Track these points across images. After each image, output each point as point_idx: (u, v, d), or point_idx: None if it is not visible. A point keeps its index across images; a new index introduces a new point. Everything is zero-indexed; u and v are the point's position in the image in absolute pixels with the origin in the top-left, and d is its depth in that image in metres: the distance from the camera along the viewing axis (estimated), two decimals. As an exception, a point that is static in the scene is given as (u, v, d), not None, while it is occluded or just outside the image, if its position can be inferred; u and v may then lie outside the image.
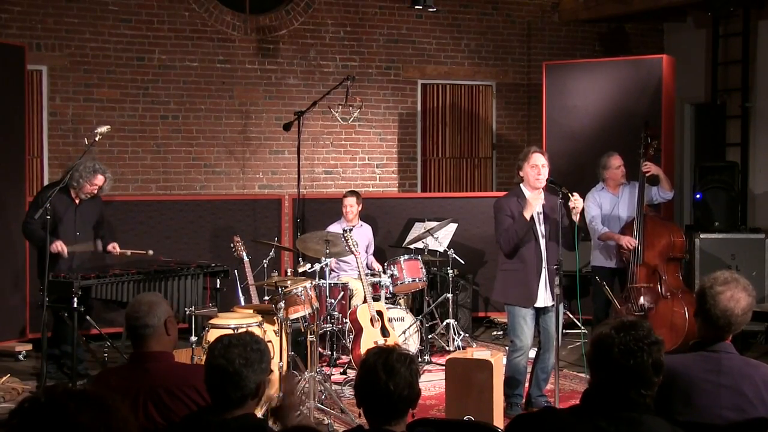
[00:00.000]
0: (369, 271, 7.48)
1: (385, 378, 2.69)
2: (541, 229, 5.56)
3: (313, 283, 6.12)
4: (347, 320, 6.75)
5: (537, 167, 5.53)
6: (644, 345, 2.48)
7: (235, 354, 2.79)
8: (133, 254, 6.73)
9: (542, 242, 5.55)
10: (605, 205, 7.00)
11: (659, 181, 6.98)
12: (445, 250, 7.54)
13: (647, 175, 6.78)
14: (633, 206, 6.89)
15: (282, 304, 5.56)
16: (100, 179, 6.43)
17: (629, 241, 6.64)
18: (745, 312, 3.03)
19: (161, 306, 3.34)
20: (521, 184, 5.63)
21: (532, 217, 5.53)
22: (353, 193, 7.85)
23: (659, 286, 6.58)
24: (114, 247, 6.65)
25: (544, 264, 5.53)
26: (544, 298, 5.56)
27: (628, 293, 6.63)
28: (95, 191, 6.47)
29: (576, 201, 5.34)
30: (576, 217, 5.36)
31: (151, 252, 6.68)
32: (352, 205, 7.70)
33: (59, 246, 6.26)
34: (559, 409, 3.75)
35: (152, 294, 4.17)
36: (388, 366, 2.71)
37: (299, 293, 5.76)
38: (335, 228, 7.42)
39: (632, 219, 6.80)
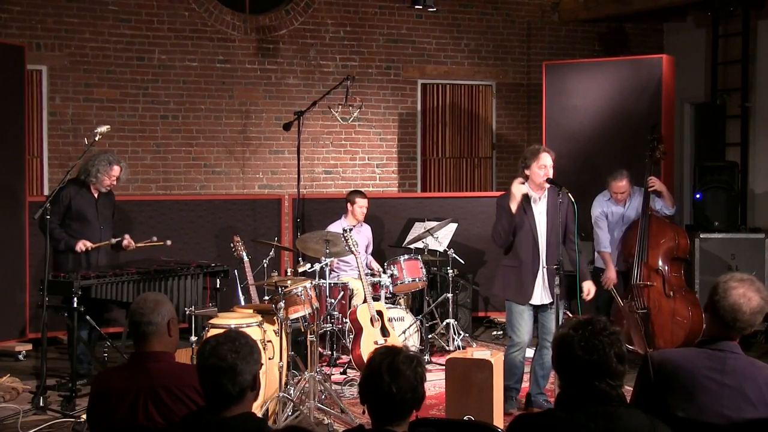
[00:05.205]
0: (368, 271, 7.48)
1: (388, 380, 2.67)
2: (540, 228, 5.57)
3: (313, 282, 6.12)
4: (347, 320, 6.75)
5: (545, 168, 5.52)
6: (604, 337, 2.54)
7: (226, 350, 2.79)
8: (150, 245, 6.68)
9: (541, 241, 5.56)
10: (613, 212, 6.98)
11: (662, 195, 6.94)
12: (445, 250, 7.54)
13: (650, 189, 6.77)
14: (639, 211, 6.89)
15: (282, 304, 5.55)
16: (116, 170, 6.57)
17: (609, 280, 6.80)
18: (754, 313, 3.00)
19: (166, 305, 3.33)
20: (525, 182, 5.62)
21: (531, 216, 5.54)
22: (363, 194, 7.78)
23: (662, 285, 6.59)
24: (129, 242, 6.66)
25: (542, 263, 5.55)
26: (541, 296, 5.59)
27: (630, 291, 6.64)
28: (114, 182, 6.62)
29: (589, 294, 5.69)
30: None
31: (169, 242, 6.75)
32: (366, 206, 7.68)
33: (84, 245, 6.37)
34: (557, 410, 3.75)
35: (157, 293, 4.16)
36: (393, 368, 2.69)
37: (299, 293, 5.76)
38: (335, 227, 7.41)
39: (638, 219, 6.80)
